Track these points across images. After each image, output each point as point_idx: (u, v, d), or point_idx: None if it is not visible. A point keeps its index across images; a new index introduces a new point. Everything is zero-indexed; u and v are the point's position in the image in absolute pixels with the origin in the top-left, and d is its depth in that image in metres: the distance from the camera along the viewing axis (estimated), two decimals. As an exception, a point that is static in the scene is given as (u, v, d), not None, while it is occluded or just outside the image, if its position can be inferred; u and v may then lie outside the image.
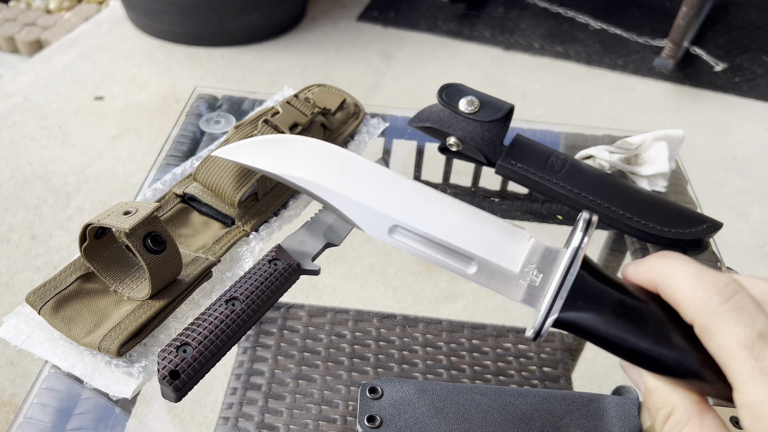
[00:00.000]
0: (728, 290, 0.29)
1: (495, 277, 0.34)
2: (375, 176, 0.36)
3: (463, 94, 0.62)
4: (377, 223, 0.35)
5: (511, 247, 0.34)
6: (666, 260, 0.31)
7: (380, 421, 0.38)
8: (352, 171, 0.36)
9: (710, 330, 0.28)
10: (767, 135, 1.83)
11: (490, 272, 0.34)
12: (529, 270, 0.34)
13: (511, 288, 0.34)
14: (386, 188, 0.36)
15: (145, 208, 0.44)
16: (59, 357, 0.43)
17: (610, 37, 2.21)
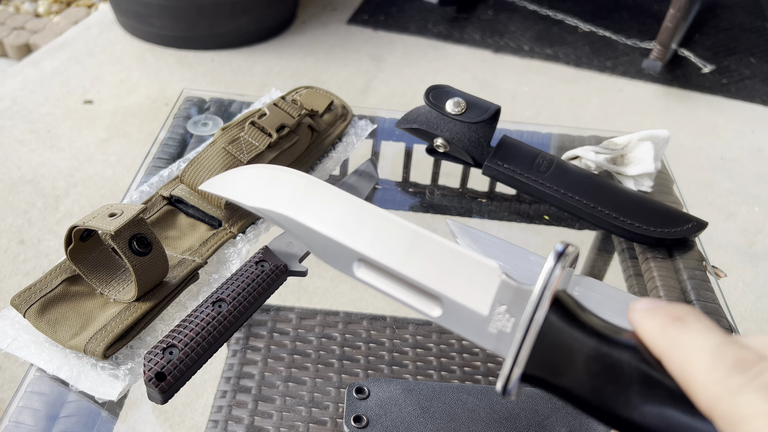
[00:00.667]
0: (756, 370, 0.22)
1: (462, 321, 0.30)
2: (341, 206, 0.34)
3: (450, 95, 0.62)
4: (342, 257, 0.33)
5: (479, 285, 0.30)
6: (681, 327, 0.25)
7: (367, 421, 0.38)
8: (314, 201, 0.34)
9: (734, 419, 0.22)
10: (754, 136, 1.85)
11: (457, 314, 0.30)
12: (500, 313, 0.29)
13: (481, 334, 0.29)
14: (353, 219, 0.33)
15: (131, 209, 0.44)
16: (45, 360, 0.43)
17: (599, 39, 2.22)
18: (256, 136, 0.57)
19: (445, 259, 0.31)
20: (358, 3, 2.32)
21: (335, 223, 0.33)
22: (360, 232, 0.33)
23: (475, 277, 0.30)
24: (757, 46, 2.24)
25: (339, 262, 0.33)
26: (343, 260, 0.33)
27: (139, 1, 1.88)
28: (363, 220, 0.33)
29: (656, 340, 0.25)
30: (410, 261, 0.31)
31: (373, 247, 0.32)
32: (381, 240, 0.32)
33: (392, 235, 0.32)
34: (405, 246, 0.32)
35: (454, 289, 0.30)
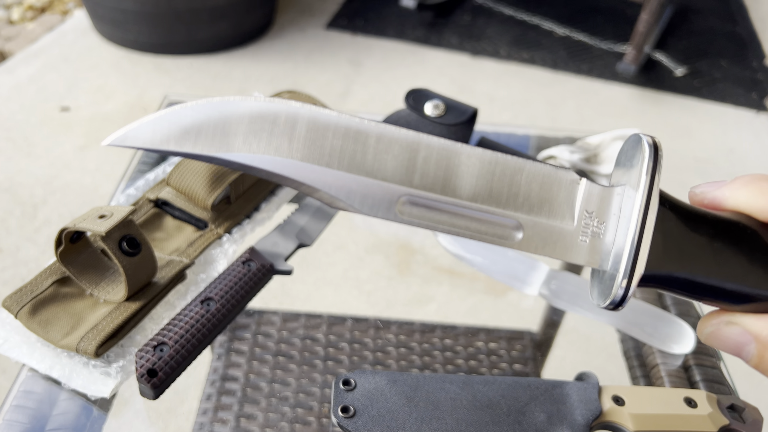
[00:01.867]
0: None
1: (549, 241, 0.27)
2: (360, 138, 0.27)
3: (429, 98, 0.64)
4: (380, 199, 0.27)
5: (560, 197, 0.27)
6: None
7: (354, 411, 0.40)
8: (324, 137, 0.26)
9: None
10: (726, 137, 1.89)
11: (542, 235, 0.27)
12: (589, 222, 0.27)
13: (571, 250, 0.27)
14: (380, 146, 0.27)
15: (121, 211, 0.45)
16: (36, 360, 0.44)
17: (574, 43, 2.26)
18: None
19: (514, 174, 0.27)
20: (336, 8, 2.34)
21: (363, 161, 0.27)
22: (398, 163, 0.27)
23: (553, 188, 0.27)
24: (728, 50, 2.29)
25: (374, 206, 0.27)
26: (381, 203, 0.27)
27: (116, 8, 1.88)
28: (395, 149, 0.27)
29: (760, 203, 0.26)
30: (469, 186, 0.27)
31: (420, 180, 0.26)
32: (426, 168, 0.27)
33: (436, 159, 0.27)
34: (459, 169, 0.27)
35: (532, 207, 0.27)
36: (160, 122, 0.25)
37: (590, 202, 0.27)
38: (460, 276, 0.80)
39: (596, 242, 0.27)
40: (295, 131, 0.26)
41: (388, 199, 0.26)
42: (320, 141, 0.26)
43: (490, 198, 0.27)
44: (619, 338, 0.58)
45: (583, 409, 0.41)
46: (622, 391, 0.43)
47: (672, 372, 0.52)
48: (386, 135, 0.27)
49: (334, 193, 0.26)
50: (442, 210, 0.27)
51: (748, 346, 0.26)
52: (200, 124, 0.25)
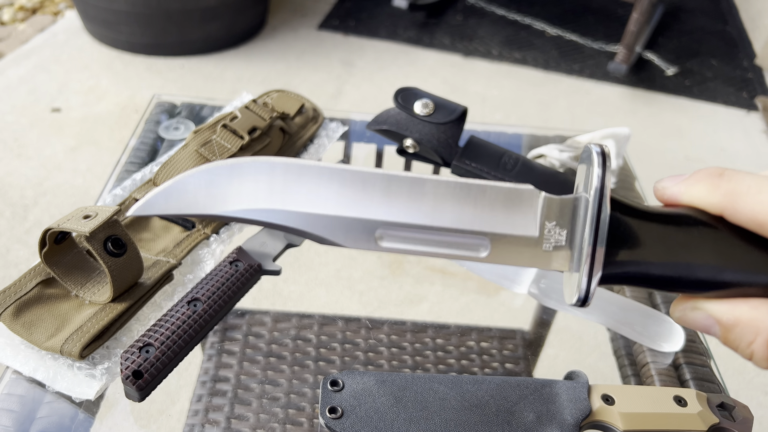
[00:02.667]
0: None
1: (514, 251, 0.29)
2: (335, 179, 0.30)
3: (418, 97, 0.64)
4: (359, 233, 0.29)
5: (521, 211, 0.29)
6: (731, 178, 0.27)
7: (342, 411, 0.39)
8: (302, 182, 0.30)
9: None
10: (717, 136, 1.90)
11: (507, 247, 0.29)
12: (551, 230, 0.29)
13: (536, 257, 0.29)
14: (356, 189, 0.30)
15: (105, 211, 0.44)
16: (20, 362, 0.43)
17: (566, 43, 2.26)
18: (228, 138, 0.57)
19: (477, 197, 0.29)
20: (328, 8, 2.34)
21: (339, 199, 0.29)
22: (370, 199, 0.29)
23: (514, 204, 0.29)
24: (718, 49, 2.30)
25: (355, 239, 0.29)
26: (361, 236, 0.29)
27: (107, 8, 1.87)
28: (367, 187, 0.30)
29: (712, 199, 0.28)
30: (438, 211, 0.29)
31: (393, 211, 0.29)
32: (398, 200, 0.29)
33: (407, 190, 0.29)
34: (427, 198, 0.29)
35: (495, 223, 0.29)
36: (168, 193, 0.30)
37: (551, 212, 0.29)
38: (453, 276, 0.80)
39: (560, 249, 0.29)
40: (275, 182, 0.30)
41: (366, 233, 0.29)
42: (299, 188, 0.30)
43: (458, 221, 0.29)
44: (610, 337, 0.58)
45: (572, 408, 0.41)
46: (612, 390, 0.43)
47: (662, 370, 0.52)
48: (360, 175, 0.30)
49: (322, 234, 0.29)
50: (415, 239, 0.30)
51: (713, 327, 0.28)
52: (197, 192, 0.30)
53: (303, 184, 0.30)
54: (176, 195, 0.29)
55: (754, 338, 0.27)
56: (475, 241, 0.29)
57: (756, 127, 1.94)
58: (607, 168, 0.28)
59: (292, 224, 0.29)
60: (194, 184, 0.29)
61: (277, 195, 0.29)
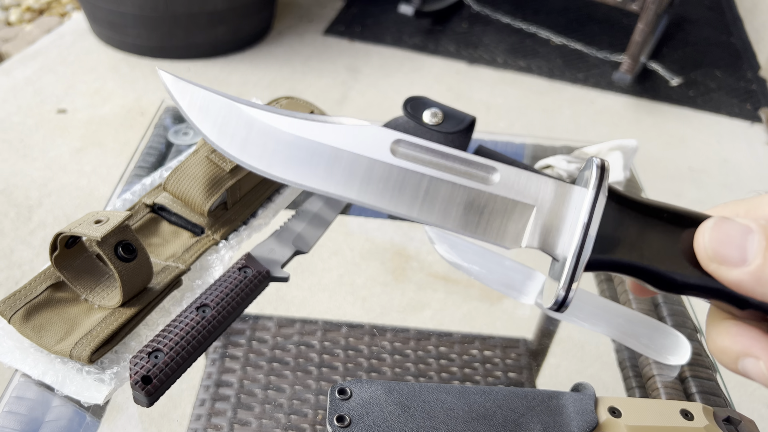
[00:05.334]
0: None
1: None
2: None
3: (427, 106, 0.64)
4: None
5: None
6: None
7: (349, 420, 0.40)
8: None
9: None
10: (720, 147, 1.90)
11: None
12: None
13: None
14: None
15: (117, 216, 0.44)
16: (29, 365, 0.43)
17: (570, 52, 2.27)
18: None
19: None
20: (334, 14, 2.34)
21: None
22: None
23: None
24: (722, 60, 2.31)
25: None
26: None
27: (114, 11, 1.88)
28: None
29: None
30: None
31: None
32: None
33: None
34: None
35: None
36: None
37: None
38: (455, 283, 0.80)
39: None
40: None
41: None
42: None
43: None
44: (614, 348, 0.58)
45: (579, 420, 0.41)
46: (619, 402, 0.43)
47: (668, 383, 0.52)
48: None
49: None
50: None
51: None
52: None
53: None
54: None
55: None
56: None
57: (759, 139, 1.95)
58: (605, 179, 0.30)
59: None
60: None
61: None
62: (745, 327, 0.29)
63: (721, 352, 0.30)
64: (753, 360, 0.28)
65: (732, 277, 0.27)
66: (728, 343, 0.29)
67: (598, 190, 0.30)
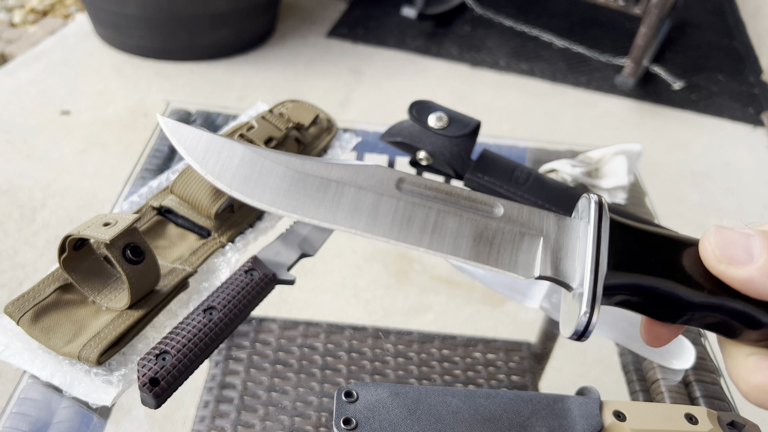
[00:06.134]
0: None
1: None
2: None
3: (432, 110, 0.64)
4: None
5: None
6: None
7: (356, 423, 0.40)
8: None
9: None
10: (723, 150, 1.91)
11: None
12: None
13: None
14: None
15: (125, 219, 0.45)
16: (38, 367, 0.44)
17: (573, 55, 2.27)
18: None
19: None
20: (337, 16, 2.35)
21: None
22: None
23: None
24: (725, 64, 2.31)
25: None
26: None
27: (118, 12, 1.88)
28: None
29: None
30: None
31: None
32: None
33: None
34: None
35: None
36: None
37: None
38: (458, 285, 0.81)
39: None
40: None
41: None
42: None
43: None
44: (618, 351, 0.58)
45: (584, 424, 0.41)
46: (624, 406, 0.43)
47: (672, 387, 0.52)
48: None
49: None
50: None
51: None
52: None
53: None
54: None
55: None
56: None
57: (761, 143, 1.95)
58: (604, 217, 0.31)
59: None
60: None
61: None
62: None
63: (757, 391, 0.29)
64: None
65: (742, 275, 0.28)
66: (762, 378, 0.29)
67: (600, 219, 0.31)
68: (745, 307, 0.29)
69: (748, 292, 0.28)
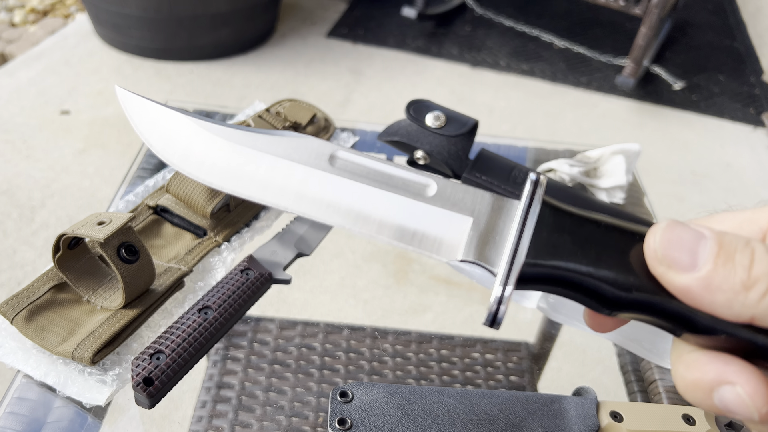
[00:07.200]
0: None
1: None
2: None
3: (430, 109, 0.64)
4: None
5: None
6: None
7: (350, 423, 0.40)
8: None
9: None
10: (723, 151, 1.90)
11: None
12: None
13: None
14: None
15: (119, 218, 0.44)
16: (32, 366, 0.44)
17: (573, 55, 2.27)
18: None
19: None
20: (337, 17, 2.35)
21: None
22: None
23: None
24: (726, 65, 2.31)
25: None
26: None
27: (118, 12, 1.88)
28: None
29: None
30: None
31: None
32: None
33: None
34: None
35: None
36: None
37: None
38: (457, 286, 0.80)
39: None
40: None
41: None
42: None
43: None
44: (616, 352, 0.58)
45: (581, 424, 0.41)
46: (621, 407, 0.43)
47: (670, 388, 0.52)
48: None
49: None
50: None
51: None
52: None
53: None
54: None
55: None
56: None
57: (762, 143, 1.95)
58: (539, 188, 0.29)
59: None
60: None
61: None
62: (715, 353, 0.26)
63: (692, 388, 0.26)
64: (729, 387, 0.25)
65: (680, 283, 0.25)
66: (698, 374, 0.26)
67: (532, 199, 0.29)
68: (683, 311, 0.26)
69: (685, 301, 0.26)
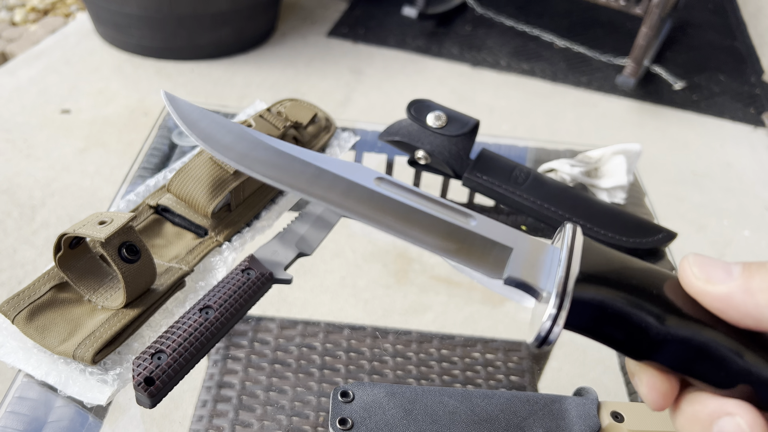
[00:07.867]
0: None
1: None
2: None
3: (431, 109, 0.64)
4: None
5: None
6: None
7: (351, 423, 0.40)
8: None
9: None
10: (723, 151, 1.90)
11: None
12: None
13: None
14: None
15: (121, 218, 0.44)
16: (33, 366, 0.44)
17: (574, 55, 2.27)
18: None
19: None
20: (337, 16, 2.35)
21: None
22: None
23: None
24: (726, 64, 2.31)
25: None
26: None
27: (119, 11, 1.88)
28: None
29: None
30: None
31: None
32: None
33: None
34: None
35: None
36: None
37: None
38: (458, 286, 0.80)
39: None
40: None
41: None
42: None
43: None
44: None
45: (582, 424, 0.41)
46: (622, 407, 0.43)
47: (670, 388, 0.52)
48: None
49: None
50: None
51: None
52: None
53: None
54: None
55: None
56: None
57: (762, 143, 1.94)
58: (576, 243, 0.30)
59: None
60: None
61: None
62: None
63: (692, 421, 0.28)
64: (728, 418, 0.27)
65: (720, 291, 0.27)
66: (698, 407, 0.28)
67: (574, 239, 0.31)
68: (713, 338, 0.27)
69: (726, 310, 0.27)
